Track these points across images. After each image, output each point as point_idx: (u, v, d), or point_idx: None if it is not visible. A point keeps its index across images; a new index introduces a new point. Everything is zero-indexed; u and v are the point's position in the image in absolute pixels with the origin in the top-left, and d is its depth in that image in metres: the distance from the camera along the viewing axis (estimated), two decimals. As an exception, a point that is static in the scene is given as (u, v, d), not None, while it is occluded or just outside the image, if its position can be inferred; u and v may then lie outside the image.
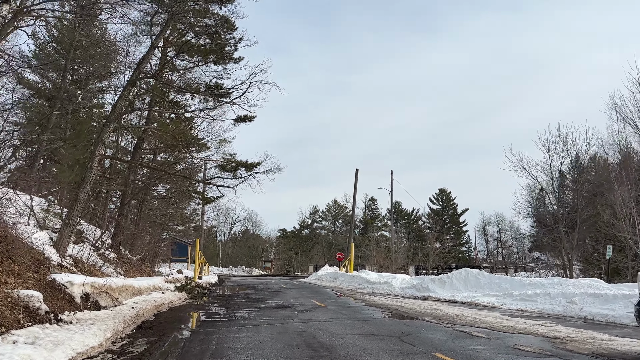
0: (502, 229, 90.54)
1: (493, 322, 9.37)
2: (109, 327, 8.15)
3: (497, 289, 16.02)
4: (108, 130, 14.17)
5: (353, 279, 24.44)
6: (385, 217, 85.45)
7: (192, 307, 12.81)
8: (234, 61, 19.83)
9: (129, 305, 11.21)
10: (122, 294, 11.95)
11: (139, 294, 12.77)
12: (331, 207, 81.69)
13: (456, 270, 18.45)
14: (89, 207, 21.41)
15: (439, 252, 37.98)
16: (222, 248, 71.28)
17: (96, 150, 14.00)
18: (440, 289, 17.53)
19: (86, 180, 13.78)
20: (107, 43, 28.58)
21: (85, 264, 13.87)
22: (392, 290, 19.30)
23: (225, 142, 23.56)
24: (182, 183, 21.41)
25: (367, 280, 22.34)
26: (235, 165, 20.78)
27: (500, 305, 13.77)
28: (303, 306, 12.78)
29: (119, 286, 11.89)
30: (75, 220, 13.92)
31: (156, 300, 12.48)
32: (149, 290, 13.62)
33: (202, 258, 27.93)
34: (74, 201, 13.77)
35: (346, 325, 8.71)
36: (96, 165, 13.98)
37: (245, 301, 14.62)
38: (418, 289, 18.18)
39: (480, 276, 17.13)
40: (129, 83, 14.65)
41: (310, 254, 70.15)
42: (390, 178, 38.56)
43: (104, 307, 10.44)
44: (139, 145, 20.14)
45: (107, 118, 14.61)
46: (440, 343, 6.74)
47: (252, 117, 20.93)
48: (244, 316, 10.43)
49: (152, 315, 10.82)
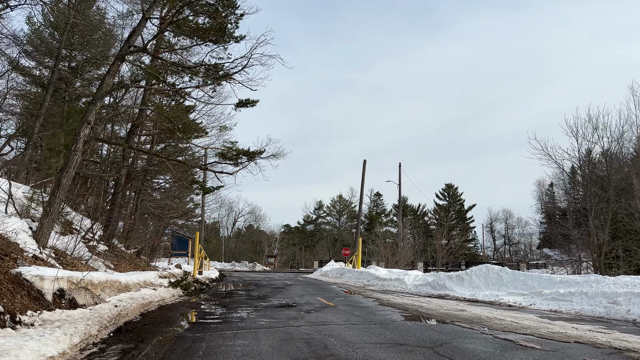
0: (509, 225, 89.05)
1: (536, 326, 7.92)
2: (79, 331, 6.77)
3: (523, 287, 14.57)
4: (94, 109, 12.78)
5: (361, 275, 23.02)
6: (391, 213, 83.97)
7: (185, 305, 11.43)
8: (235, 40, 18.39)
9: (112, 303, 9.84)
10: (105, 291, 10.58)
11: (126, 291, 11.40)
12: (336, 202, 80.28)
13: (474, 266, 16.99)
14: (84, 198, 20.11)
15: (448, 248, 36.46)
16: (225, 243, 70.04)
17: (81, 131, 12.63)
18: (459, 287, 16.10)
19: (69, 164, 12.41)
20: (106, 29, 27.18)
21: (68, 257, 12.52)
22: (404, 287, 17.87)
23: (226, 129, 22.20)
24: (179, 171, 20.05)
25: (376, 277, 20.92)
26: (236, 154, 19.38)
27: (529, 306, 12.33)
28: (309, 305, 11.38)
29: (102, 281, 10.52)
30: (58, 208, 12.56)
31: (144, 298, 11.10)
32: (138, 287, 12.25)
33: (202, 252, 26.59)
34: (55, 187, 12.41)
35: (362, 330, 7.29)
36: (80, 148, 12.60)
37: (246, 299, 13.23)
38: (433, 286, 16.75)
39: (503, 273, 15.68)
40: (118, 57, 13.24)
41: (315, 250, 68.79)
42: (398, 171, 37.07)
43: (81, 306, 9.07)
44: (133, 132, 18.76)
45: (94, 95, 13.22)
46: (487, 357, 5.31)
47: (254, 101, 19.52)
48: (242, 317, 9.04)
49: (137, 315, 9.45)
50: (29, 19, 29.82)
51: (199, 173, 24.92)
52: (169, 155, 17.16)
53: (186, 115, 17.83)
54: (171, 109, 17.73)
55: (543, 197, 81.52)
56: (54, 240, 13.37)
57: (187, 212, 28.54)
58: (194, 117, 20.27)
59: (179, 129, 15.82)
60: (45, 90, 24.99)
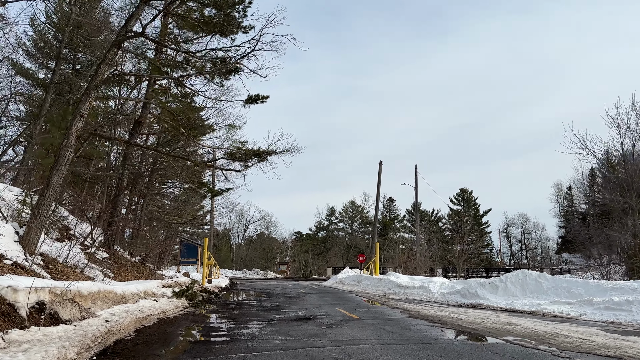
0: (526, 230, 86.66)
1: (615, 345, 6.41)
2: (50, 356, 5.43)
3: (566, 294, 13.00)
4: (88, 100, 11.54)
5: (380, 282, 21.49)
6: (405, 219, 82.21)
7: (189, 319, 10.05)
8: (243, 30, 17.13)
9: (103, 317, 8.49)
10: (96, 303, 9.24)
11: (122, 302, 10.06)
12: (348, 207, 78.68)
13: (507, 272, 15.43)
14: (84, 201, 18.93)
15: (467, 254, 34.78)
16: (237, 250, 68.78)
17: (73, 124, 11.38)
18: (492, 295, 14.54)
19: (60, 162, 11.16)
20: (110, 30, 26.15)
21: (59, 265, 11.23)
22: (430, 296, 16.34)
23: (235, 128, 20.92)
24: (186, 174, 18.77)
25: (397, 285, 19.38)
26: (245, 154, 18.07)
27: (578, 316, 10.78)
28: (330, 318, 9.95)
29: (93, 292, 9.19)
30: (47, 210, 11.29)
31: (142, 311, 9.74)
32: (136, 297, 10.90)
33: (212, 259, 25.26)
34: (45, 187, 11.15)
35: (403, 353, 5.85)
36: (73, 144, 11.35)
37: (257, 310, 11.83)
38: (464, 294, 15.21)
39: (542, 279, 14.10)
40: (114, 44, 12.00)
41: (328, 257, 67.21)
42: (414, 173, 35.53)
43: (65, 322, 7.74)
44: (135, 130, 17.53)
45: (87, 86, 11.98)
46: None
47: (264, 97, 18.26)
48: (252, 334, 7.63)
49: (131, 332, 8.09)
50: (32, 20, 28.99)
51: (207, 176, 23.69)
52: (174, 153, 15.84)
53: (192, 111, 16.57)
54: (176, 106, 16.49)
55: (561, 201, 79.34)
56: (46, 246, 12.12)
57: (196, 217, 27.25)
58: (201, 116, 19.05)
59: (184, 126, 14.53)
60: (46, 92, 24.01)
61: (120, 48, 12.37)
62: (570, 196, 79.60)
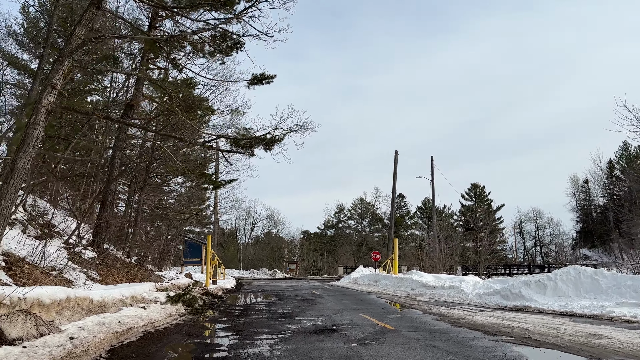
0: (540, 225, 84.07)
1: None
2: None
3: (633, 294, 10.94)
4: (61, 68, 9.62)
5: (402, 282, 19.45)
6: (416, 215, 80.00)
7: (183, 331, 8.09)
8: None
9: (68, 333, 6.56)
10: (64, 313, 7.31)
11: (100, 312, 8.11)
12: (357, 204, 76.48)
13: (557, 270, 13.40)
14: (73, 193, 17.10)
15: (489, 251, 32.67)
16: (244, 250, 66.88)
17: (42, 97, 9.46)
18: (540, 296, 12.48)
19: (27, 142, 9.21)
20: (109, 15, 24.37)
21: (27, 266, 9.32)
22: (464, 297, 14.29)
23: (239, 114, 18.98)
24: (185, 163, 16.88)
25: (422, 284, 17.33)
26: (250, 142, 16.10)
27: (661, 322, 8.72)
28: (357, 329, 7.95)
29: (59, 300, 7.25)
30: (12, 200, 9.36)
31: (123, 322, 7.79)
32: (119, 305, 8.95)
33: (216, 259, 23.35)
34: (9, 172, 9.21)
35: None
36: (42, 120, 9.41)
37: (267, 318, 9.86)
38: (505, 295, 13.15)
39: (600, 276, 12.02)
40: (92, 3, 10.06)
41: (337, 255, 65.13)
42: (430, 165, 33.44)
43: (12, 341, 5.81)
44: (127, 114, 15.63)
45: (60, 51, 10.05)
46: None
47: (270, 77, 16.31)
48: (261, 355, 5.67)
49: (103, 353, 6.15)
50: (24, 8, 27.29)
51: (210, 167, 21.79)
52: (164, 132, 13.80)
53: (188, 87, 14.63)
54: (171, 82, 14.56)
55: (578, 194, 76.82)
56: (15, 244, 10.24)
57: (199, 212, 25.30)
58: (199, 95, 17.13)
59: (180, 106, 12.59)
60: (34, 80, 22.23)
61: (100, 8, 10.42)
62: (587, 189, 77.10)
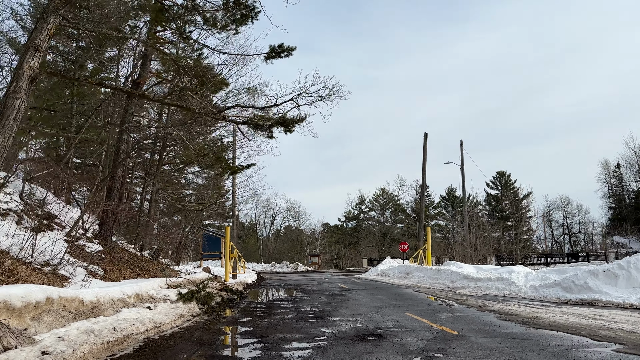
0: (568, 213, 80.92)
1: None
2: None
3: None
4: (45, 27, 8.16)
5: (438, 274, 17.71)
6: (439, 205, 77.81)
7: (193, 338, 6.55)
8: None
9: (42, 345, 5.08)
10: (43, 319, 5.82)
11: (92, 315, 6.62)
12: (379, 195, 74.61)
13: (628, 257, 11.51)
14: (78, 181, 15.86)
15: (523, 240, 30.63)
16: (264, 243, 65.66)
17: (24, 61, 8.01)
18: (610, 287, 10.64)
19: (7, 113, 7.80)
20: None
21: (9, 260, 7.90)
22: (516, 290, 12.51)
23: (256, 92, 17.44)
24: (199, 146, 15.42)
25: (464, 276, 15.57)
26: (270, 123, 14.49)
27: None
28: (409, 332, 6.31)
29: (36, 302, 5.76)
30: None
31: (119, 328, 6.28)
32: (119, 305, 7.46)
33: (235, 252, 21.91)
34: (-14, 150, 7.79)
35: None
36: (25, 88, 7.98)
37: (294, 318, 8.28)
38: (566, 287, 11.33)
39: (686, 265, 10.15)
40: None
41: (360, 247, 63.44)
42: (460, 150, 31.49)
43: (-39, 359, 4.35)
44: (133, 93, 14.15)
45: (44, 8, 8.58)
46: None
47: (289, 48, 14.60)
48: (295, 378, 4.07)
49: (84, 372, 4.62)
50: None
51: (226, 153, 20.34)
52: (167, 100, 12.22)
53: (198, 61, 13.10)
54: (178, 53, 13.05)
55: (609, 180, 73.61)
56: (2, 236, 8.88)
57: (215, 202, 23.89)
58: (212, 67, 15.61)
59: (188, 73, 11.04)
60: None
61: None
62: (619, 174, 73.86)
